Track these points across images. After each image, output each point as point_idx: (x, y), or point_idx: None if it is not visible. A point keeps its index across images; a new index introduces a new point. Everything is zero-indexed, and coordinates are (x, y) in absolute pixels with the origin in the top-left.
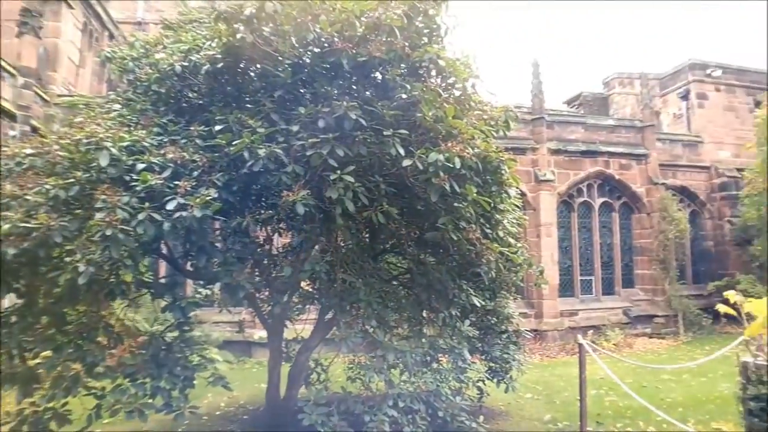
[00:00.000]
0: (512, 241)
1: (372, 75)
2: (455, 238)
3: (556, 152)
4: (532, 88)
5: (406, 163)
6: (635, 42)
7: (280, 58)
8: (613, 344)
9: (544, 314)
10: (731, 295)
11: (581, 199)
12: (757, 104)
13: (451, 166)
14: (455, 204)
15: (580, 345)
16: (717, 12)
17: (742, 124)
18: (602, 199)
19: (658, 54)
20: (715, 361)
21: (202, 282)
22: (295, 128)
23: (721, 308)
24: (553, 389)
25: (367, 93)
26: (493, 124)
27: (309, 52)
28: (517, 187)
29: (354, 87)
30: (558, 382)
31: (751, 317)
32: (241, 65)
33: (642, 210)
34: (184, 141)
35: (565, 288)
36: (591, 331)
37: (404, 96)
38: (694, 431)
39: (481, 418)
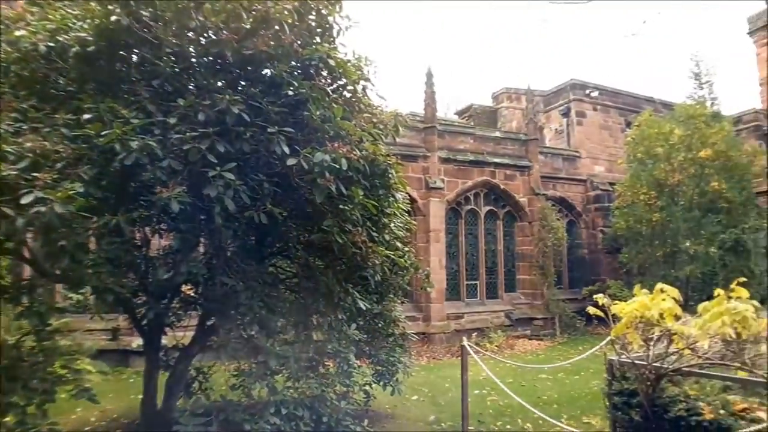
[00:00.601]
0: (399, 245)
1: (259, 70)
2: (341, 241)
3: (446, 161)
4: (425, 98)
5: (291, 162)
6: (526, 58)
7: (160, 45)
8: (496, 346)
9: (432, 317)
10: (600, 298)
11: (468, 207)
12: (629, 124)
13: (338, 167)
14: (341, 206)
15: (463, 347)
16: (600, 36)
17: (615, 142)
18: (488, 208)
19: (546, 71)
20: (587, 360)
21: (69, 286)
22: (173, 120)
23: (591, 310)
24: (438, 390)
25: (253, 88)
26: (382, 128)
27: (192, 42)
28: (405, 192)
29: (239, 81)
30: (443, 384)
31: (617, 318)
32: (117, 50)
33: (524, 219)
34: (47, 130)
35: (452, 292)
36: (475, 333)
37: (291, 93)
38: (565, 426)
39: (366, 421)
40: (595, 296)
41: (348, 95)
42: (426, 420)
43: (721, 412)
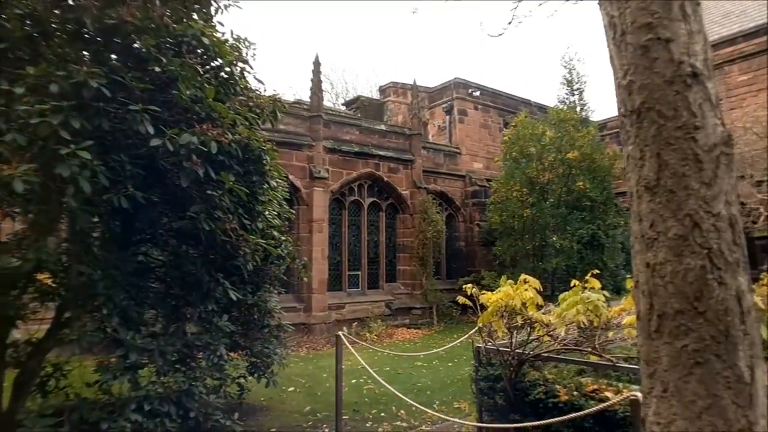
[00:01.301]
0: (276, 234)
1: (125, 43)
2: (208, 228)
3: (331, 151)
4: (312, 86)
5: (155, 142)
6: (414, 53)
7: (7, 3)
8: (376, 335)
9: (313, 308)
10: (468, 287)
11: (352, 198)
12: (506, 124)
13: (207, 150)
14: (210, 192)
15: (337, 337)
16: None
17: (493, 140)
18: (371, 199)
19: (432, 67)
20: (460, 347)
21: None
22: (20, 90)
23: (460, 299)
24: (316, 381)
25: (117, 62)
26: (259, 113)
27: (50, 4)
28: (283, 179)
29: (103, 54)
30: (322, 374)
31: (484, 308)
32: None
33: (406, 211)
34: None
35: (334, 282)
36: (356, 323)
37: (159, 70)
38: (434, 413)
39: (236, 415)
40: (464, 286)
41: (225, 76)
42: (302, 411)
43: (575, 393)
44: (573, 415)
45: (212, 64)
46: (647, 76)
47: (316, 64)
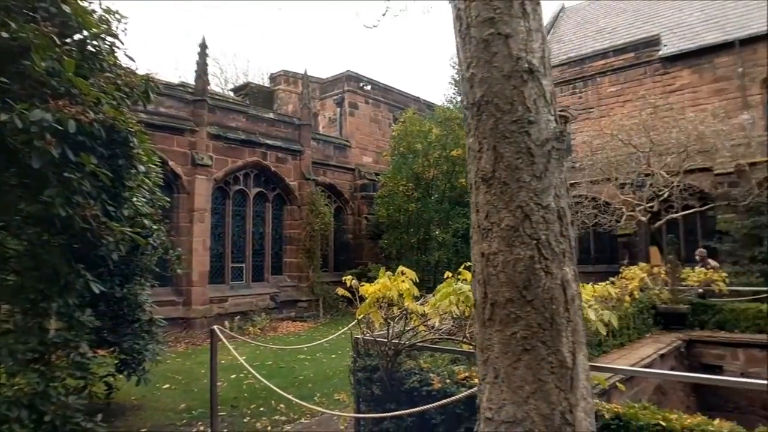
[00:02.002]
0: (147, 222)
1: None
2: (64, 214)
3: (216, 137)
4: (197, 69)
5: (2, 117)
6: (311, 44)
7: None
8: (260, 329)
9: (193, 301)
10: (348, 279)
11: (237, 187)
12: (396, 120)
13: (64, 129)
14: (68, 174)
15: (212, 331)
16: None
17: (383, 135)
18: (258, 189)
19: (329, 61)
20: (344, 339)
21: None
22: None
23: (340, 291)
24: (193, 377)
25: None
26: (128, 92)
27: None
28: (156, 164)
29: None
30: (200, 370)
31: (363, 299)
32: None
33: (294, 202)
34: None
35: (217, 275)
36: (239, 317)
37: (6, 35)
38: (312, 406)
39: (99, 416)
40: (344, 278)
41: (92, 50)
42: (177, 409)
43: (447, 381)
44: (444, 401)
45: (76, 36)
46: (487, 70)
47: (203, 46)
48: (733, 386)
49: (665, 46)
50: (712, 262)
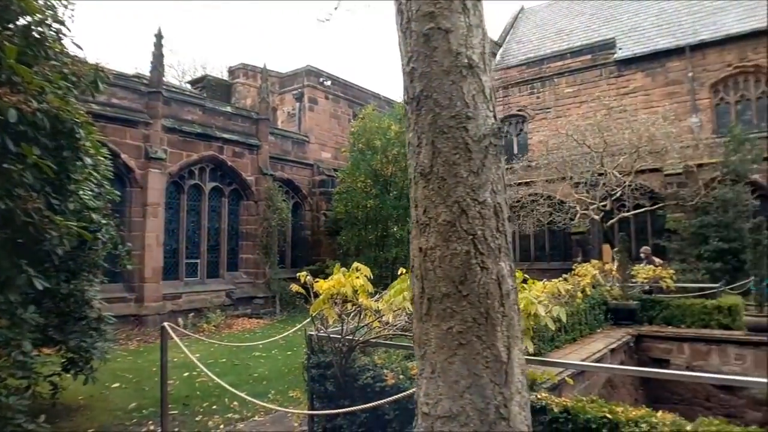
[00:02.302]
0: (95, 216)
1: None
2: (4, 207)
3: (171, 130)
4: (152, 60)
5: None
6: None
7: None
8: (214, 326)
9: (146, 298)
10: (302, 275)
11: (192, 182)
12: (355, 116)
13: (3, 118)
14: (7, 166)
15: (162, 328)
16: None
17: (342, 131)
18: (213, 184)
19: (290, 57)
20: (301, 335)
21: None
22: None
23: (294, 287)
24: (144, 376)
25: None
26: (75, 81)
27: None
28: (105, 156)
29: None
30: (151, 368)
31: (318, 295)
32: None
33: (250, 198)
34: None
35: (171, 271)
36: (193, 314)
37: None
38: (264, 403)
39: (43, 417)
40: (298, 274)
41: (37, 37)
42: (126, 408)
43: (401, 377)
44: (397, 396)
45: (20, 22)
46: (427, 65)
47: (158, 36)
48: (733, 384)
49: (620, 49)
50: (657, 260)
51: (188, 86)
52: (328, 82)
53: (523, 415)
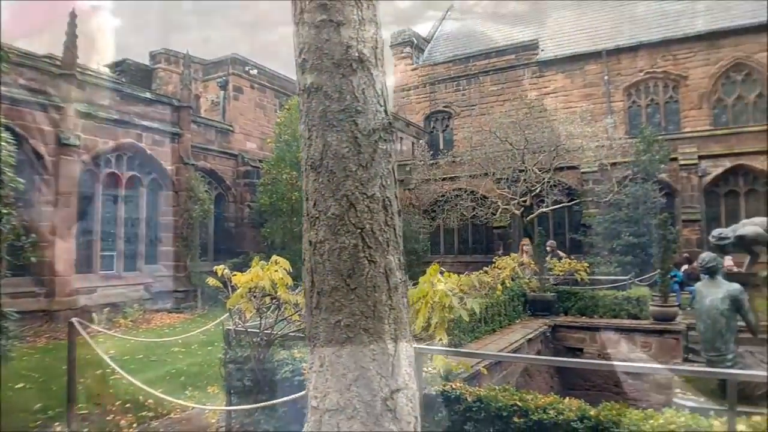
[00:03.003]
0: None
1: None
2: None
3: (85, 116)
4: (66, 41)
5: None
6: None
7: None
8: (131, 321)
9: (57, 292)
10: (219, 269)
11: (109, 170)
12: (282, 107)
13: None
14: None
15: (70, 324)
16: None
17: (268, 121)
18: (131, 173)
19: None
20: (222, 330)
21: None
22: None
23: (210, 281)
24: (52, 375)
25: None
26: None
27: None
28: (9, 142)
29: None
30: (61, 367)
31: (236, 289)
32: None
33: (170, 188)
34: None
35: (84, 263)
36: (108, 308)
37: None
38: (179, 401)
39: None
40: (215, 268)
41: None
42: (30, 409)
43: None
44: None
45: None
46: (318, 57)
47: (72, 15)
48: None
49: (542, 50)
50: (561, 253)
51: (106, 70)
52: (254, 71)
53: (410, 407)
